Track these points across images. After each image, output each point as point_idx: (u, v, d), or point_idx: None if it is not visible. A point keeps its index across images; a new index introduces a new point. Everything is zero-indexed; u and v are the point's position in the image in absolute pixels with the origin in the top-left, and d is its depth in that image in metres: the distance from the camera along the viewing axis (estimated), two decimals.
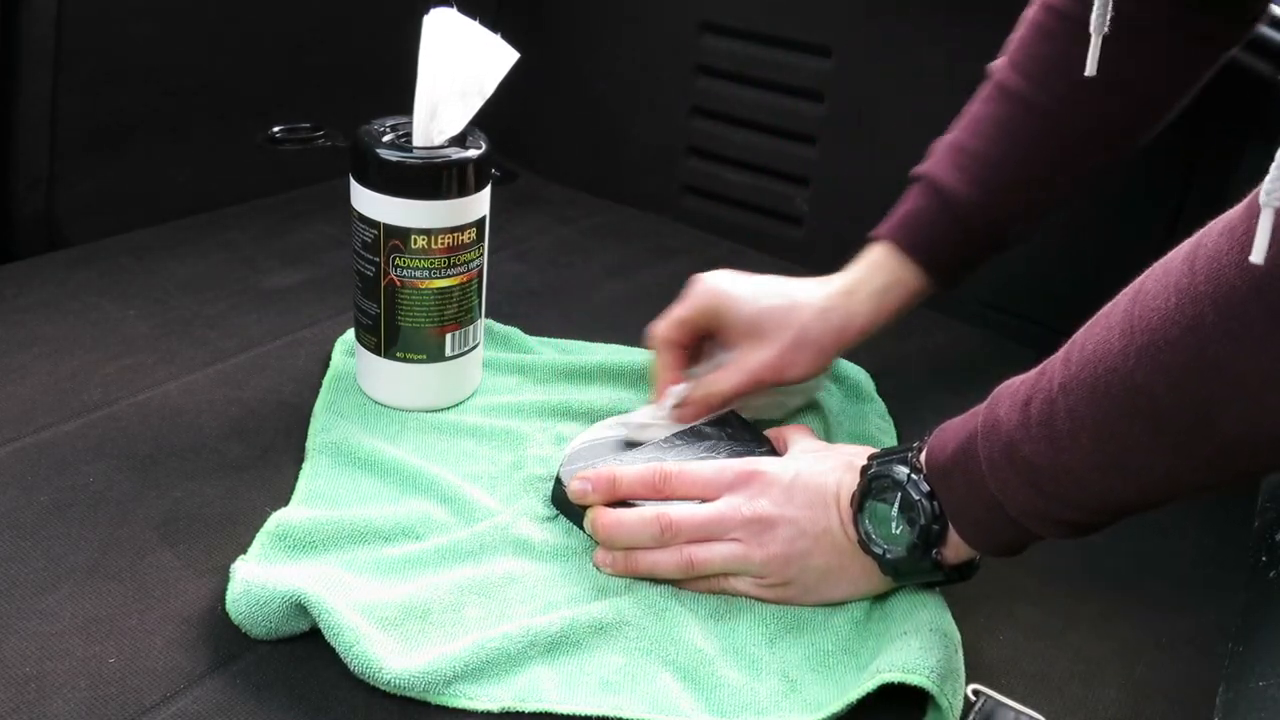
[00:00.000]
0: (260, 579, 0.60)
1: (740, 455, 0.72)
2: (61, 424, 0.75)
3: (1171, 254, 0.51)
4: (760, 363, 0.75)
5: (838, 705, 0.58)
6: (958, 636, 0.62)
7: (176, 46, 1.02)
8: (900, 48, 1.05)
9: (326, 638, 0.58)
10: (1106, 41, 0.67)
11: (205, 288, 0.95)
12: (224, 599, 0.61)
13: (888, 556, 0.62)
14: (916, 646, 0.59)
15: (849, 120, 1.09)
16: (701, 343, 0.80)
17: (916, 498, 0.60)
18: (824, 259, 1.12)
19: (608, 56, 1.24)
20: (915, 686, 0.57)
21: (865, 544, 0.62)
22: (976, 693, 0.61)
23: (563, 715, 0.57)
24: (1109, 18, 0.65)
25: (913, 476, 0.60)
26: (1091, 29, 0.66)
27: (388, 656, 0.57)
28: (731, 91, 1.15)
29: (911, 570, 0.62)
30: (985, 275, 0.82)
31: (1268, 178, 0.44)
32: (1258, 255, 0.44)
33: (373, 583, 0.63)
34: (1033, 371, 0.57)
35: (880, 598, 0.67)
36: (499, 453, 0.77)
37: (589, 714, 0.57)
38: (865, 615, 0.65)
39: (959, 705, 0.58)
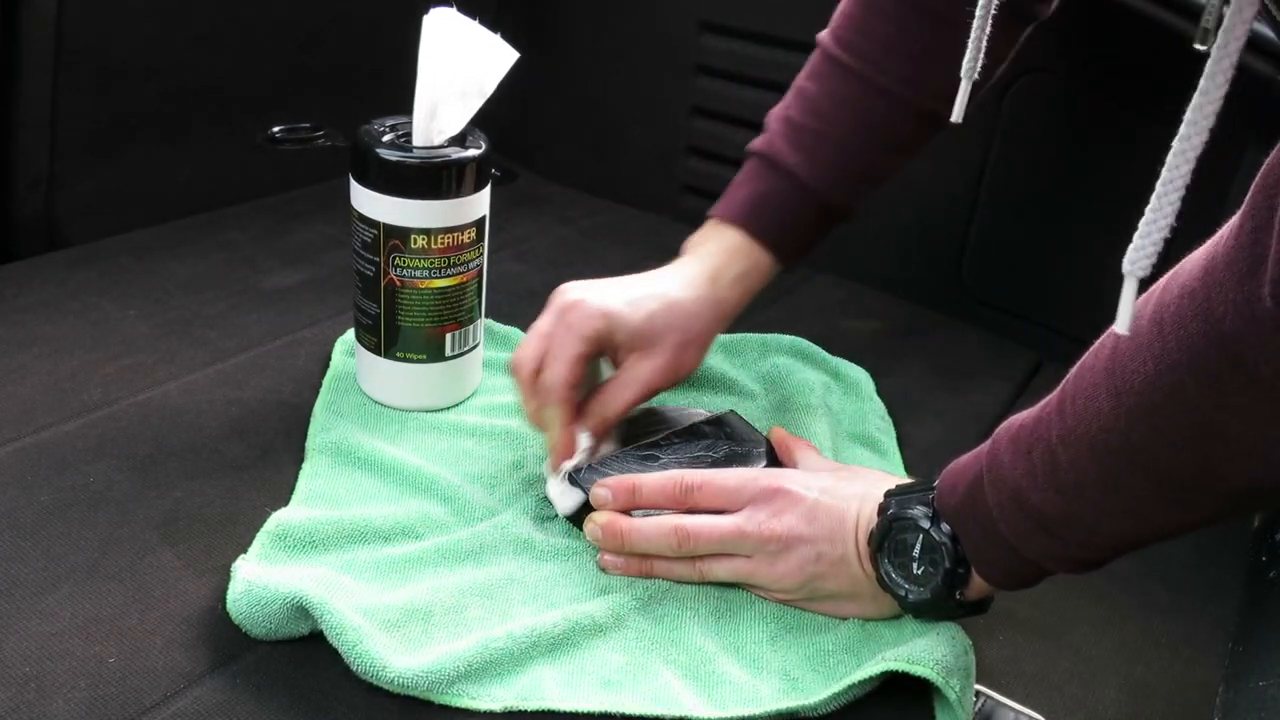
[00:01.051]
0: (261, 579, 0.60)
1: (740, 456, 0.72)
2: (61, 424, 0.75)
3: (1139, 303, 0.49)
4: (653, 371, 0.72)
5: (839, 687, 0.58)
6: (967, 640, 0.62)
7: (176, 46, 1.02)
8: None
9: (329, 638, 0.58)
10: (941, 22, 0.67)
11: (205, 288, 0.95)
12: (224, 599, 0.61)
13: (910, 598, 0.61)
14: (923, 643, 0.59)
15: None
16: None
17: (940, 540, 0.59)
18: (824, 259, 1.12)
19: (608, 56, 1.24)
20: (923, 688, 0.57)
21: (885, 583, 0.62)
22: (977, 693, 0.61)
23: (565, 713, 0.57)
24: (979, 63, 0.64)
25: (935, 519, 0.60)
26: (963, 74, 0.64)
27: (391, 656, 0.57)
28: (731, 91, 1.15)
29: (933, 609, 0.61)
30: (985, 275, 0.82)
31: (1131, 246, 0.43)
32: (1121, 327, 0.44)
33: (374, 584, 0.63)
34: (1031, 414, 0.56)
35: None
36: (499, 453, 0.77)
37: (591, 710, 0.57)
38: (868, 624, 0.65)
39: (969, 702, 0.58)
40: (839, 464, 0.74)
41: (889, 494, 0.63)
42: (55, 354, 0.83)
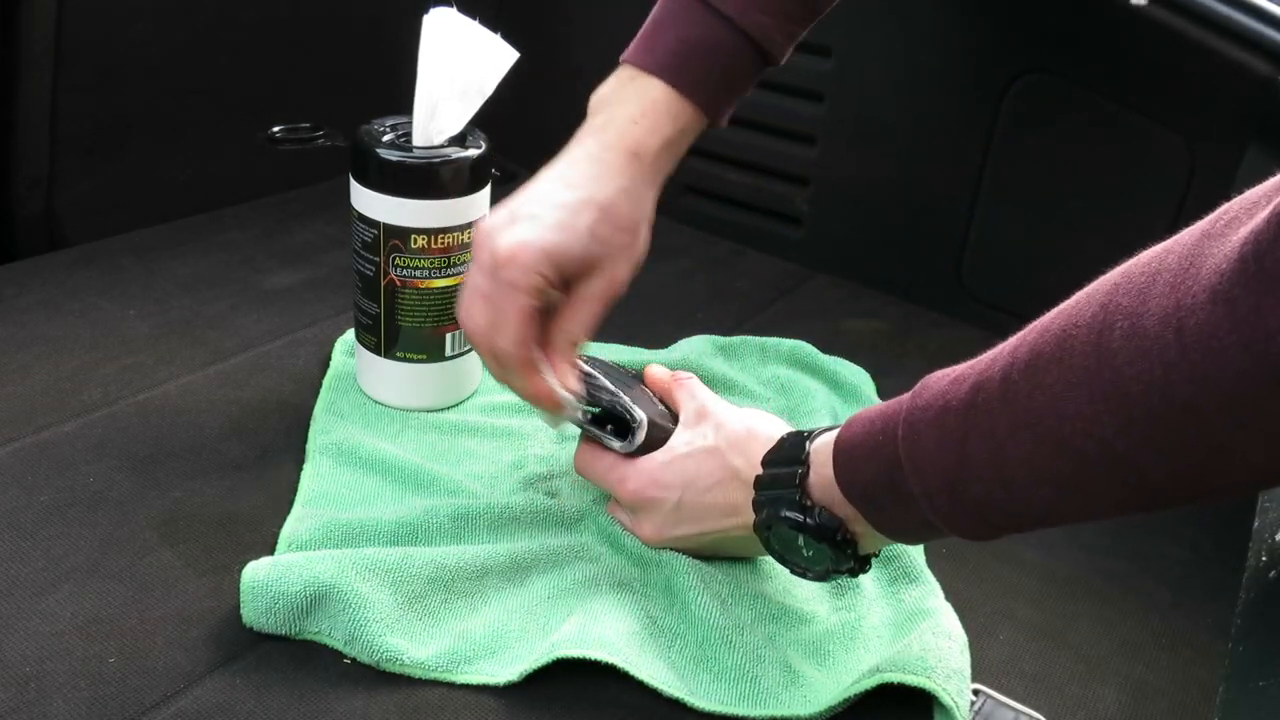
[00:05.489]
0: (274, 571, 0.60)
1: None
2: (61, 424, 0.75)
3: (1127, 300, 0.44)
4: (608, 283, 0.66)
5: (836, 699, 0.59)
6: (963, 637, 0.62)
7: (176, 46, 1.02)
8: (900, 48, 1.05)
9: (344, 623, 0.59)
10: None
11: (205, 288, 0.95)
12: (224, 599, 0.61)
13: (810, 575, 0.60)
14: (918, 648, 0.59)
15: (849, 120, 1.09)
16: None
17: (823, 525, 0.57)
18: (824, 259, 1.12)
19: (608, 56, 1.24)
20: (920, 688, 0.57)
21: (781, 559, 0.61)
22: (977, 692, 0.61)
23: (573, 659, 0.59)
24: None
25: (806, 516, 0.57)
26: None
27: (406, 638, 0.59)
28: None
29: (830, 578, 0.61)
30: (985, 275, 0.82)
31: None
32: None
33: (377, 584, 0.63)
34: (957, 393, 0.51)
35: (882, 601, 0.67)
36: (499, 452, 0.77)
37: (598, 659, 0.59)
38: (867, 615, 0.66)
39: (965, 704, 0.58)
40: (715, 410, 0.68)
41: (759, 485, 0.60)
42: (55, 354, 0.83)
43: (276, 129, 1.13)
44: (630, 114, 0.68)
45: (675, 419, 0.69)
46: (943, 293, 1.07)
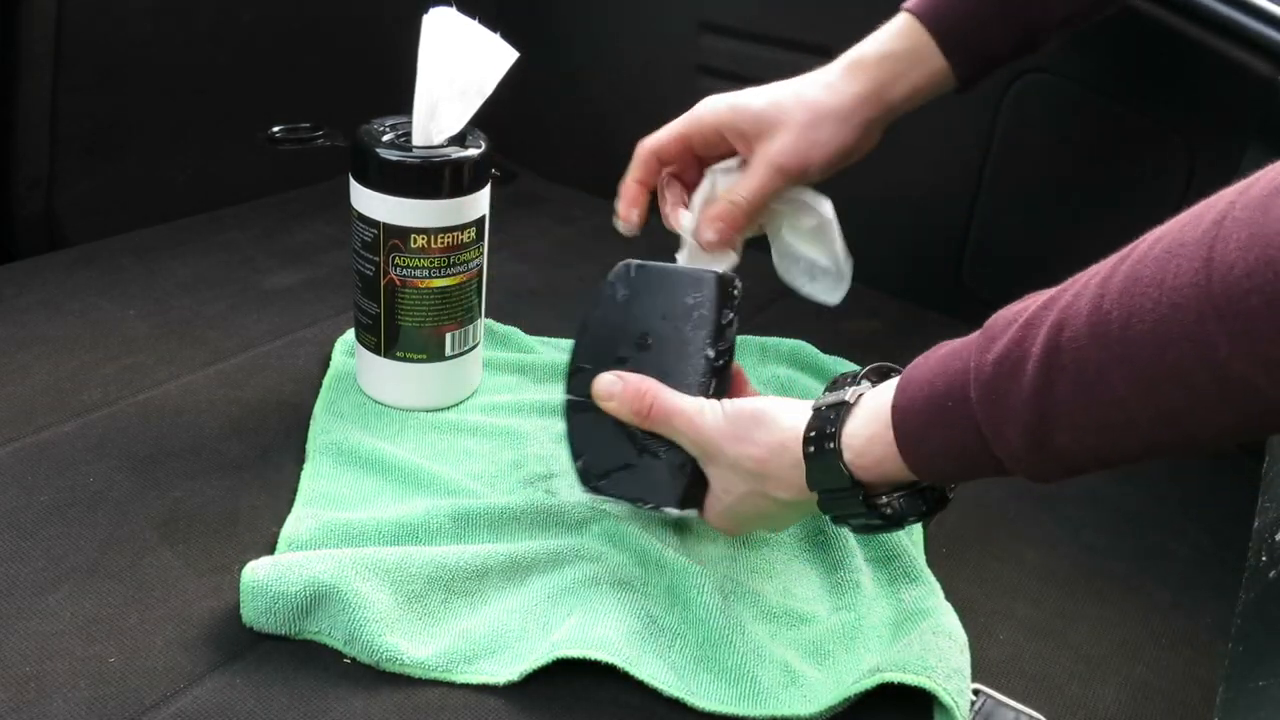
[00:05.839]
0: (274, 570, 0.60)
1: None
2: (61, 424, 0.75)
3: (1245, 214, 0.41)
4: (780, 150, 0.69)
5: (836, 699, 0.59)
6: (963, 636, 0.62)
7: (176, 46, 1.02)
8: None
9: (344, 623, 0.59)
10: None
11: (205, 288, 0.95)
12: (224, 598, 0.61)
13: (852, 526, 0.60)
14: (918, 648, 0.59)
15: None
16: (700, 169, 0.74)
17: (885, 511, 0.57)
18: None
19: (608, 56, 1.24)
20: (920, 688, 0.58)
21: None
22: (976, 692, 0.61)
23: (572, 660, 0.59)
24: None
25: (869, 518, 0.57)
26: None
27: (406, 638, 0.60)
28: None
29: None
30: (985, 275, 0.82)
31: None
32: None
33: (377, 584, 0.63)
34: (1028, 344, 0.48)
35: (882, 601, 0.67)
36: (499, 452, 0.77)
37: (598, 659, 0.59)
38: (867, 615, 0.66)
39: (965, 704, 0.58)
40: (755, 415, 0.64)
41: (820, 496, 0.59)
42: (55, 354, 0.83)
43: (276, 129, 1.13)
44: (867, 39, 0.72)
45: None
46: (943, 293, 1.07)
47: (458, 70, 0.73)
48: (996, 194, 1.03)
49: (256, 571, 0.60)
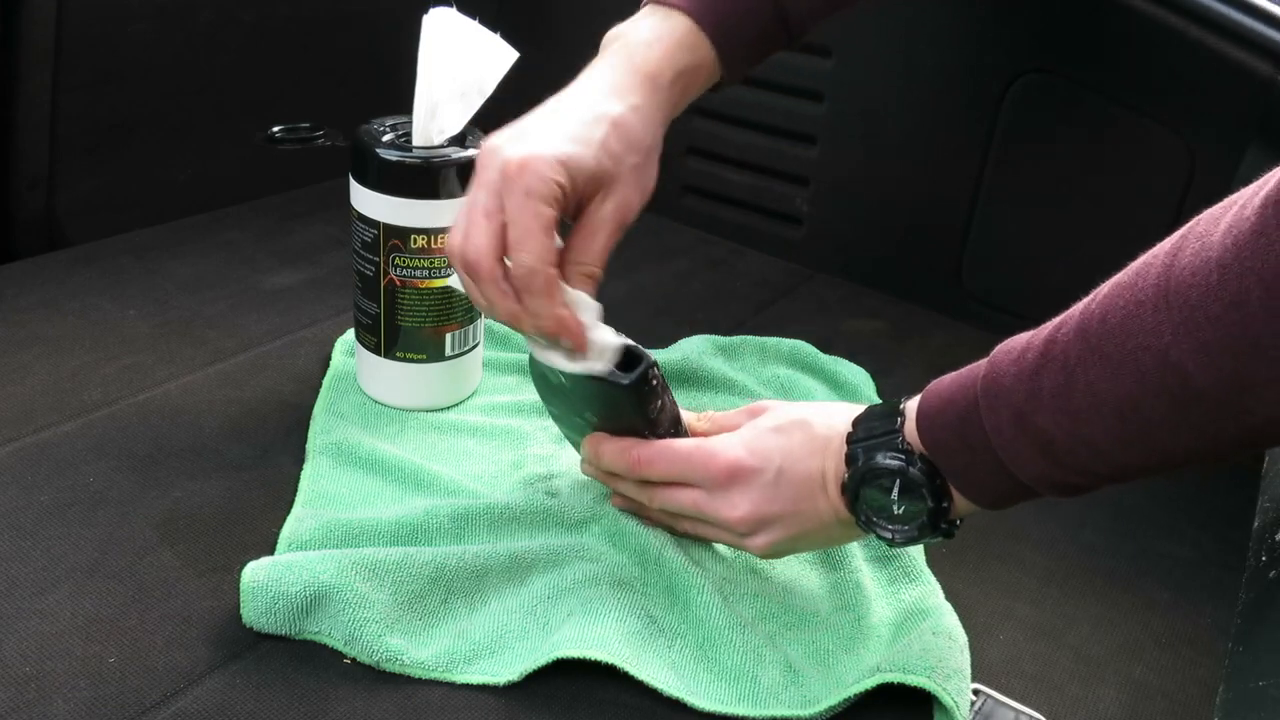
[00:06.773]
0: (275, 571, 0.60)
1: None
2: (61, 424, 0.75)
3: (1203, 227, 0.48)
4: (622, 207, 0.64)
5: (836, 699, 0.59)
6: (963, 636, 0.62)
7: (176, 46, 1.02)
8: (900, 48, 1.05)
9: (343, 624, 0.59)
10: None
11: (205, 288, 0.95)
12: (224, 598, 0.61)
13: (897, 539, 0.60)
14: (918, 648, 0.59)
15: (849, 120, 1.09)
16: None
17: (918, 479, 0.57)
18: (824, 259, 1.12)
19: None
20: (920, 688, 0.58)
21: (869, 527, 0.60)
22: (976, 692, 0.61)
23: (573, 659, 0.59)
24: None
25: (908, 457, 0.58)
26: None
27: (406, 638, 0.60)
28: (731, 91, 1.14)
29: (918, 542, 0.61)
30: (985, 275, 0.82)
31: None
32: None
33: (377, 584, 0.63)
34: (1035, 338, 0.54)
35: (882, 601, 0.67)
36: (499, 452, 0.77)
37: (598, 658, 0.59)
38: (867, 615, 0.66)
39: (965, 704, 0.58)
40: (787, 407, 0.66)
41: (852, 440, 0.60)
42: (55, 354, 0.83)
43: (276, 129, 1.14)
44: (646, 39, 0.66)
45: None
46: (943, 293, 1.07)
47: (458, 70, 0.73)
48: (996, 194, 1.03)
49: (256, 572, 0.60)
